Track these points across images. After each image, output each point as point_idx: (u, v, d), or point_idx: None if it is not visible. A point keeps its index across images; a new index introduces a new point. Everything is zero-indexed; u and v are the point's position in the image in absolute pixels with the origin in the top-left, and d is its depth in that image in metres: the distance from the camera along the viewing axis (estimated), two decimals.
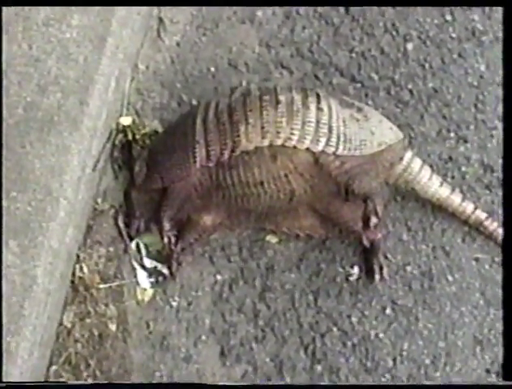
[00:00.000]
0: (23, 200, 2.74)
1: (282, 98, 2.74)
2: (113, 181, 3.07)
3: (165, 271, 2.95)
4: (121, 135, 3.14)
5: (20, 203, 2.74)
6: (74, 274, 2.90)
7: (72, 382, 2.64)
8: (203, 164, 2.75)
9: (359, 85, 3.22)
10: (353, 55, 3.26)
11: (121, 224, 2.98)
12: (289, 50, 3.25)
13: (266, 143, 2.70)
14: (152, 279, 2.95)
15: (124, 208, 3.00)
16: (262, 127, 2.69)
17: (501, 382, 2.62)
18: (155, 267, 2.94)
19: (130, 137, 3.05)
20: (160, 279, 2.95)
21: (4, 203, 2.75)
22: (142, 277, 2.95)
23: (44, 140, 2.82)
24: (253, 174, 2.72)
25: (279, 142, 2.69)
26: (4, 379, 2.41)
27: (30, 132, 2.83)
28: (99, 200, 3.04)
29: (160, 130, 3.06)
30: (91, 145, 2.97)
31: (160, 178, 2.86)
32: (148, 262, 2.96)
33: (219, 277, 2.96)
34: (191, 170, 2.78)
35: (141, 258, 2.96)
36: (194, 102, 3.17)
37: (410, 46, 3.22)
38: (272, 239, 2.99)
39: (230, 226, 2.94)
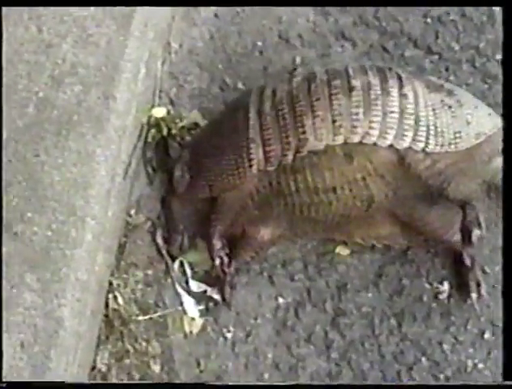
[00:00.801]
0: (40, 223, 2.25)
1: (356, 83, 2.28)
2: (148, 187, 2.63)
3: (216, 296, 2.51)
4: (154, 130, 2.65)
5: (37, 227, 2.25)
6: (107, 306, 2.49)
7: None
8: (261, 168, 2.31)
9: (436, 57, 2.71)
10: (428, 21, 2.74)
11: (160, 241, 2.55)
12: (351, 17, 2.75)
13: (339, 140, 2.25)
14: (201, 307, 2.52)
15: (163, 221, 2.58)
16: (334, 121, 2.24)
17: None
18: (205, 292, 2.52)
19: (165, 132, 2.61)
20: (211, 305, 2.52)
21: (18, 228, 2.25)
22: (189, 304, 2.52)
23: (63, 146, 2.32)
24: (324, 179, 2.28)
25: (355, 139, 2.24)
26: None
27: (45, 136, 2.32)
28: (132, 212, 2.60)
29: (202, 121, 2.63)
30: (120, 148, 2.46)
31: (207, 186, 2.43)
32: (195, 286, 2.53)
33: (281, 300, 2.52)
34: (246, 176, 2.34)
35: (186, 282, 2.54)
36: (240, 86, 2.71)
37: (497, 7, 2.65)
38: (343, 251, 2.55)
39: (292, 238, 2.52)
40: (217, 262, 2.47)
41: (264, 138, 2.29)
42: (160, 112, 2.63)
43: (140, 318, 2.48)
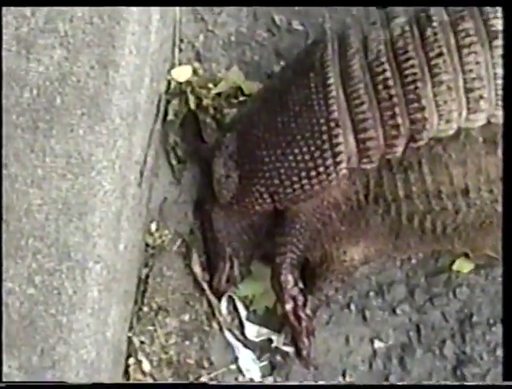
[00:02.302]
0: (17, 277, 1.52)
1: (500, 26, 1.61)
2: (173, 187, 1.96)
3: (287, 347, 1.86)
4: (176, 102, 1.95)
5: (13, 283, 1.52)
6: (127, 376, 1.79)
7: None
8: (353, 165, 1.68)
9: None
10: None
11: (198, 269, 1.89)
12: None
13: (479, 119, 1.61)
14: (264, 363, 1.87)
15: (200, 239, 1.93)
16: (470, 89, 1.60)
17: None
18: (269, 341, 1.87)
19: (192, 103, 1.95)
20: (279, 360, 1.87)
21: None
22: (247, 361, 1.86)
23: (42, 149, 1.58)
24: (451, 178, 1.66)
25: None
26: None
27: (12, 134, 1.58)
28: (152, 228, 1.92)
29: (246, 85, 1.98)
30: (131, 141, 1.70)
31: (267, 194, 1.76)
32: (254, 333, 1.87)
33: (380, 345, 1.89)
34: (330, 179, 1.69)
35: (241, 327, 1.89)
36: (298, 26, 2.05)
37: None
38: (464, 267, 1.92)
39: (390, 253, 1.89)
40: (289, 305, 1.78)
41: (356, 120, 1.65)
42: (182, 73, 1.98)
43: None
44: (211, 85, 1.95)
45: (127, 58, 1.65)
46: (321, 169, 1.66)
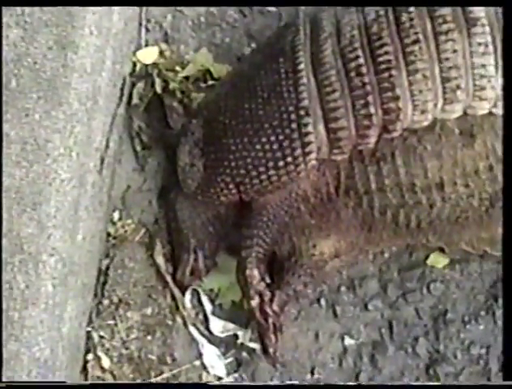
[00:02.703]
0: None
1: (479, 13, 1.54)
2: (137, 175, 1.90)
3: (253, 343, 1.79)
4: (141, 84, 1.88)
5: None
6: (86, 372, 1.71)
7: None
8: (323, 156, 1.61)
9: None
10: None
11: (162, 261, 1.82)
12: None
13: (455, 111, 1.55)
14: (230, 360, 1.80)
15: (164, 229, 1.86)
16: (446, 79, 1.54)
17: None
18: (235, 337, 1.81)
19: (158, 86, 1.89)
20: (245, 356, 1.80)
21: None
22: (212, 357, 1.79)
23: None
24: (426, 171, 1.62)
25: (482, 107, 1.55)
26: None
27: None
28: (115, 217, 1.84)
29: (215, 68, 1.92)
30: (91, 127, 1.63)
31: (233, 185, 1.68)
32: (219, 328, 1.81)
33: (350, 342, 1.82)
34: (299, 170, 1.63)
35: (206, 322, 1.83)
36: (272, 8, 1.98)
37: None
38: (439, 261, 1.85)
39: (362, 247, 1.80)
40: (255, 301, 1.72)
41: (327, 108, 1.58)
42: (149, 55, 1.92)
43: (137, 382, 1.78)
44: (178, 68, 1.91)
45: (87, 39, 1.58)
46: (289, 160, 1.60)
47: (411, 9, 1.54)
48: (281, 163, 1.60)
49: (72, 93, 1.53)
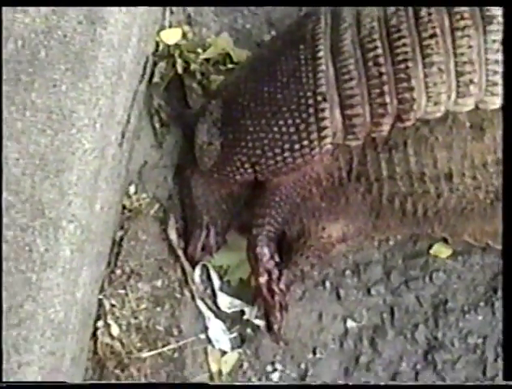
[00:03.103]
0: None
1: (495, 11, 1.56)
2: (154, 151, 1.92)
3: (258, 320, 1.81)
4: (163, 64, 1.90)
5: None
6: (95, 338, 1.74)
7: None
8: (338, 141, 1.64)
9: None
10: None
11: (174, 236, 1.84)
12: None
13: (467, 104, 1.58)
14: (234, 335, 1.83)
15: (178, 205, 1.88)
16: (460, 73, 1.56)
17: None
18: (240, 313, 1.84)
19: (180, 67, 1.90)
20: (249, 333, 1.83)
21: None
22: (217, 331, 1.82)
23: (23, 102, 1.53)
24: (436, 162, 1.64)
25: (493, 102, 1.57)
26: None
27: None
28: (131, 190, 1.87)
29: (235, 52, 1.93)
30: (114, 101, 1.66)
31: (249, 165, 1.71)
32: (226, 304, 1.84)
33: (352, 325, 1.85)
34: (313, 153, 1.65)
35: (214, 297, 1.86)
36: None
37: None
38: (442, 252, 1.88)
39: (369, 234, 1.83)
40: (263, 279, 1.75)
41: (344, 95, 1.61)
42: (172, 35, 1.94)
43: (145, 354, 1.78)
44: (199, 50, 1.91)
45: (116, 16, 1.61)
46: (305, 143, 1.63)
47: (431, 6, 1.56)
48: (297, 145, 1.62)
49: (99, 67, 1.57)
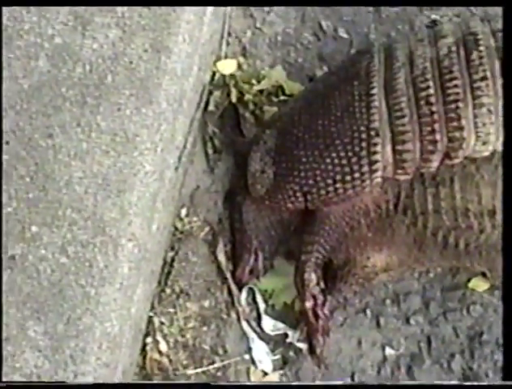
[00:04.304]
0: (51, 244, 1.53)
1: None
2: (207, 176, 1.95)
3: (301, 344, 1.84)
4: (218, 93, 1.93)
5: (46, 250, 1.53)
6: (144, 354, 1.78)
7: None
8: (388, 175, 1.67)
9: None
10: None
11: (223, 258, 1.88)
12: None
13: None
14: (277, 357, 1.85)
15: (228, 229, 1.92)
16: None
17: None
18: (284, 336, 1.86)
19: (234, 96, 1.94)
20: (291, 355, 1.85)
21: (17, 250, 1.52)
22: (261, 353, 1.85)
23: (89, 124, 1.59)
24: (480, 198, 1.65)
25: None
26: None
27: (61, 107, 1.60)
28: (182, 213, 1.90)
29: (287, 84, 1.96)
30: (175, 127, 1.70)
31: (301, 194, 1.74)
32: (270, 326, 1.86)
33: (390, 352, 1.87)
34: (364, 185, 1.69)
35: (258, 319, 1.88)
36: (343, 34, 2.04)
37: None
38: (480, 285, 1.89)
39: (410, 265, 1.86)
40: (309, 303, 1.78)
41: (396, 131, 1.64)
42: (228, 66, 1.97)
43: (191, 371, 1.80)
44: (254, 81, 1.93)
45: (180, 46, 1.64)
46: (356, 175, 1.64)
47: (482, 48, 1.58)
48: (348, 177, 1.65)
49: (162, 94, 1.60)
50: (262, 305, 1.86)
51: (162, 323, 1.79)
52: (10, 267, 1.49)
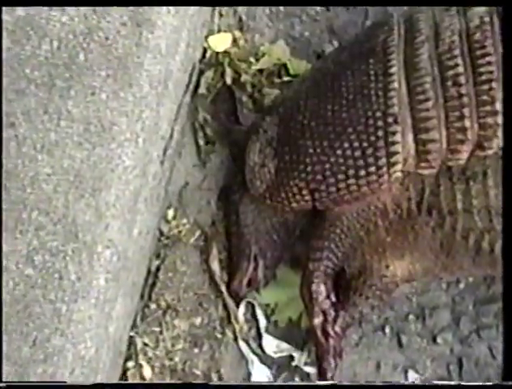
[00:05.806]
0: (16, 252, 1.55)
1: None
2: (197, 171, 2.03)
3: (308, 368, 1.91)
4: (211, 73, 2.01)
5: (12, 258, 1.54)
6: (125, 379, 1.87)
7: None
8: (409, 169, 1.71)
9: None
10: None
11: (217, 268, 1.95)
12: None
13: None
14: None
15: (222, 233, 2.00)
16: None
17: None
18: (289, 359, 1.94)
19: (229, 77, 2.02)
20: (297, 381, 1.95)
21: None
22: (261, 378, 1.93)
23: (58, 111, 1.61)
24: None
25: None
26: None
27: (27, 90, 1.62)
28: (169, 214, 1.97)
29: (291, 62, 2.05)
30: (159, 113, 1.75)
31: (308, 191, 1.79)
32: (272, 347, 1.94)
33: (414, 376, 1.95)
34: (381, 181, 1.72)
35: (259, 338, 1.96)
36: None
37: None
38: None
39: (437, 274, 1.91)
40: (318, 320, 1.83)
41: (418, 118, 1.68)
42: (221, 41, 2.04)
43: None
44: (252, 59, 2.02)
45: (164, 18, 1.68)
46: (372, 169, 1.68)
47: None
48: (362, 172, 1.68)
49: (143, 75, 1.63)
50: (262, 322, 1.93)
51: (146, 345, 1.86)
52: None
